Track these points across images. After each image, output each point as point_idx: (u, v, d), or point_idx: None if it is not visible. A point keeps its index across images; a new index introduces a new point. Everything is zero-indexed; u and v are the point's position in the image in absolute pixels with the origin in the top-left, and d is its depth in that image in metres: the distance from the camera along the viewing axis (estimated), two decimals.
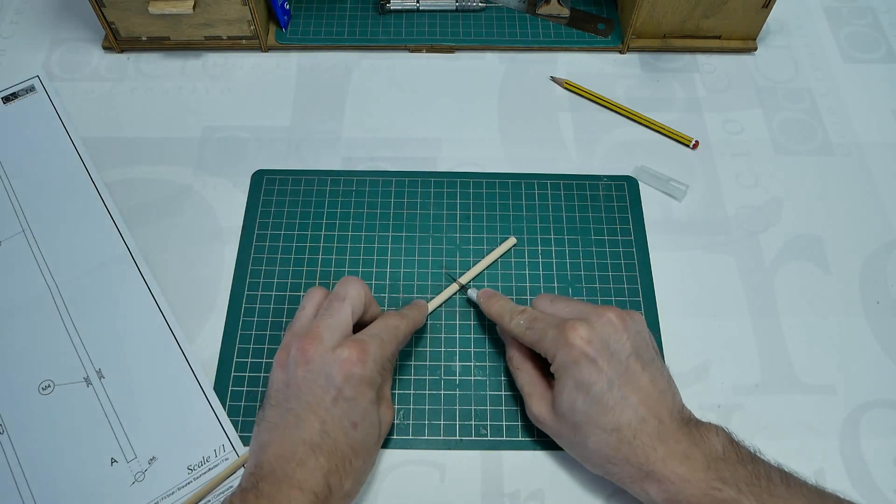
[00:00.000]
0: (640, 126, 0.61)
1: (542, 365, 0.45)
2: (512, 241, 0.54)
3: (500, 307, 0.47)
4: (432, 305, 0.51)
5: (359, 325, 0.45)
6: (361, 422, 0.41)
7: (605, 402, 0.40)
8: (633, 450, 0.39)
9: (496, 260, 0.53)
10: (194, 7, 0.59)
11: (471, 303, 0.51)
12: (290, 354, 0.41)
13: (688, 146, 0.60)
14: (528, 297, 0.52)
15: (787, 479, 0.38)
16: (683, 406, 0.42)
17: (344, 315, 0.42)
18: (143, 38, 0.63)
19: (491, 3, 0.67)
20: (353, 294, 0.43)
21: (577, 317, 0.43)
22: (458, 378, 0.49)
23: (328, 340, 0.41)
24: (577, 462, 0.45)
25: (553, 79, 0.64)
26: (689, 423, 0.40)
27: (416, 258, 0.54)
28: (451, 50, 0.65)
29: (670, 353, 0.50)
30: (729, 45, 0.65)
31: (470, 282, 0.52)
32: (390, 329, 0.44)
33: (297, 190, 0.57)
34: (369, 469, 0.43)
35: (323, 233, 0.55)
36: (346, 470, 0.40)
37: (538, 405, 0.44)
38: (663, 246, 0.55)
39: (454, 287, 0.52)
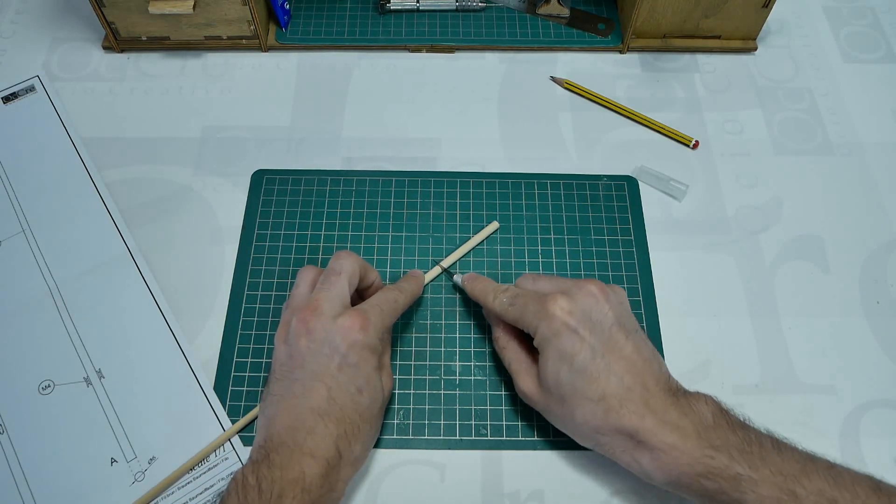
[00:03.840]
0: (640, 126, 0.61)
1: (528, 342, 0.45)
2: (494, 225, 0.54)
3: (483, 287, 0.48)
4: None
5: (358, 293, 0.45)
6: (366, 387, 0.41)
7: (589, 371, 0.40)
8: (621, 419, 0.39)
9: (480, 243, 0.54)
10: (194, 7, 0.59)
11: (457, 288, 0.52)
12: (291, 328, 0.42)
13: (688, 146, 0.60)
14: None
15: (779, 445, 0.38)
16: (670, 376, 0.42)
17: (341, 287, 0.43)
18: (143, 38, 0.63)
19: (491, 3, 0.67)
20: (347, 267, 0.44)
21: (558, 290, 0.43)
22: (458, 378, 0.49)
23: (328, 311, 0.42)
24: (577, 462, 0.45)
25: (553, 79, 0.64)
26: (678, 393, 0.40)
27: (416, 258, 0.54)
28: (451, 50, 0.65)
29: (670, 353, 0.50)
30: (729, 45, 0.65)
31: (456, 266, 0.53)
32: (389, 301, 0.45)
33: (297, 190, 0.57)
34: (375, 435, 0.44)
35: (323, 233, 0.55)
36: (355, 435, 0.40)
37: (525, 381, 0.44)
38: (663, 246, 0.55)
39: (437, 270, 0.52)
